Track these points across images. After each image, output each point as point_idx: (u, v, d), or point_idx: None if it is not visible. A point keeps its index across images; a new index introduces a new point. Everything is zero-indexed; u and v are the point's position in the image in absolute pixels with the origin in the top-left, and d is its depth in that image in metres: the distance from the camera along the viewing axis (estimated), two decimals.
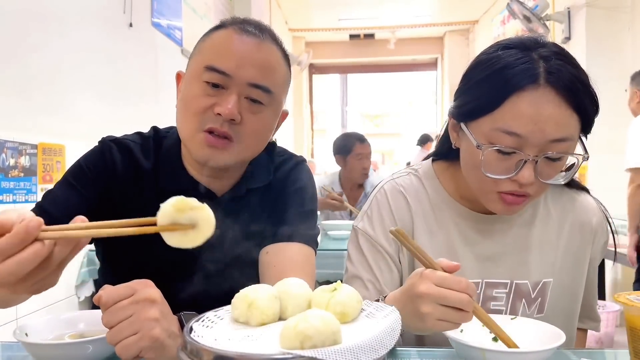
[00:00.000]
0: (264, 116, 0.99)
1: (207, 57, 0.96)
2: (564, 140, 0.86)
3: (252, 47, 0.96)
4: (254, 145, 1.01)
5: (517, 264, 1.03)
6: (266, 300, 0.58)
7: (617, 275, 4.22)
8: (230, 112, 0.93)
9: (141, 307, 0.69)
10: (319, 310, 0.54)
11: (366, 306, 0.61)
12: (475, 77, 0.93)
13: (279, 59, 1.01)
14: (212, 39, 0.99)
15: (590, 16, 4.39)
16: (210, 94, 0.95)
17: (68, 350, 0.79)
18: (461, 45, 9.14)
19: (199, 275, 1.05)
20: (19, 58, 1.87)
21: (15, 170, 1.79)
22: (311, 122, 10.86)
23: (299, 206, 1.08)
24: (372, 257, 1.04)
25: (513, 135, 0.85)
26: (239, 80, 0.94)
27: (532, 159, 0.86)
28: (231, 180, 1.06)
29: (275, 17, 7.55)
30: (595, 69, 4.68)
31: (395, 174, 1.13)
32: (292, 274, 0.94)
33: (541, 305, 1.03)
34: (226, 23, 1.01)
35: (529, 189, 0.89)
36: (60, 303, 2.00)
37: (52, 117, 2.05)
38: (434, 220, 1.05)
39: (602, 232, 1.09)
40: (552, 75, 0.85)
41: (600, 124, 3.40)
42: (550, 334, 0.82)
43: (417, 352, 0.88)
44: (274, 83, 0.98)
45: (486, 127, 0.88)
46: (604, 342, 3.25)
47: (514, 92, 0.85)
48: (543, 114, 0.84)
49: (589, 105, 0.88)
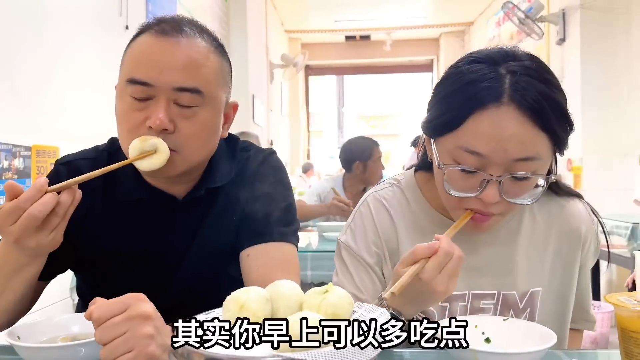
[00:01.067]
0: (201, 118, 0.94)
1: (128, 69, 0.93)
2: (530, 159, 0.84)
3: (171, 49, 0.91)
4: (198, 150, 0.97)
5: (503, 275, 1.01)
6: (258, 302, 0.59)
7: (612, 276, 4.23)
8: (160, 123, 0.89)
9: (136, 324, 0.67)
10: (310, 312, 0.54)
11: (357, 308, 0.62)
12: (442, 91, 0.92)
13: (205, 52, 0.94)
14: (131, 49, 0.95)
15: (584, 18, 4.41)
16: (139, 108, 0.92)
17: (60, 353, 0.79)
18: (457, 47, 9.16)
19: (172, 278, 1.05)
20: (13, 60, 1.86)
21: (9, 172, 1.79)
22: (307, 123, 10.86)
23: (275, 203, 1.06)
24: (355, 269, 1.03)
25: (475, 154, 0.84)
26: (163, 88, 0.90)
27: (495, 179, 0.84)
28: (190, 183, 1.04)
29: (271, 18, 7.55)
30: (590, 71, 4.72)
31: (379, 187, 1.12)
32: (277, 275, 0.92)
33: (531, 314, 1.02)
34: (142, 29, 0.96)
35: (494, 209, 0.88)
36: (54, 306, 2.00)
37: (46, 119, 2.05)
38: (416, 231, 1.04)
39: (593, 238, 1.07)
40: (516, 93, 0.82)
41: (595, 123, 3.46)
42: (541, 335, 0.83)
43: (410, 352, 0.88)
44: (204, 81, 0.93)
45: (450, 145, 0.87)
46: (599, 343, 3.26)
47: (475, 110, 0.83)
48: (505, 133, 0.82)
49: (558, 123, 0.84)
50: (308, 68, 10.33)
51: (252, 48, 5.82)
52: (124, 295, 0.71)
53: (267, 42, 6.99)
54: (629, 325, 0.74)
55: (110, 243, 1.04)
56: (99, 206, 1.03)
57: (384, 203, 1.06)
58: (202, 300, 0.78)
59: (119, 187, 1.03)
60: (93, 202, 1.03)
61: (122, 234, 1.04)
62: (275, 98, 7.65)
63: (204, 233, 1.05)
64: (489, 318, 0.90)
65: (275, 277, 0.94)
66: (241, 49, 5.52)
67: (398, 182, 1.10)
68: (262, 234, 1.02)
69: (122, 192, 1.03)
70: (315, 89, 11.74)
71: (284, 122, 8.56)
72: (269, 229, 1.03)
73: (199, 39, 0.95)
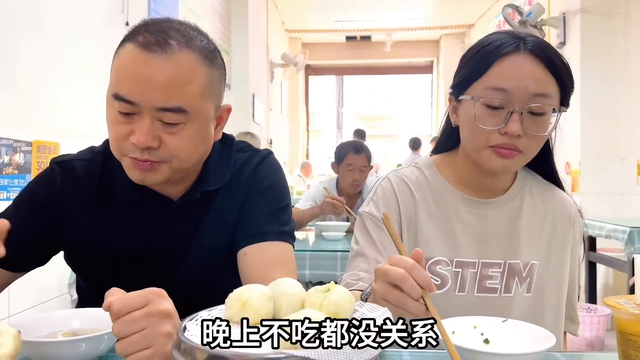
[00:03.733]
0: (187, 133, 0.92)
1: (114, 82, 0.91)
2: (545, 95, 0.99)
3: (154, 67, 0.88)
4: (187, 159, 0.95)
5: (509, 246, 1.11)
6: (260, 300, 0.59)
7: (608, 280, 4.25)
8: (143, 142, 0.88)
9: (155, 321, 0.67)
10: (312, 310, 0.54)
11: (359, 307, 0.62)
12: (467, 56, 1.08)
13: (192, 67, 0.90)
14: (117, 59, 0.92)
15: (585, 21, 4.42)
16: (124, 122, 0.91)
17: (61, 348, 0.79)
18: (457, 49, 9.17)
19: (170, 280, 1.05)
20: (14, 55, 1.86)
21: (9, 167, 1.79)
22: (307, 123, 10.87)
23: (272, 203, 1.07)
24: (378, 236, 1.10)
25: (500, 90, 0.99)
26: (147, 107, 0.88)
27: (518, 110, 0.98)
28: (186, 184, 1.04)
29: (272, 18, 7.56)
30: (590, 74, 4.72)
31: (397, 168, 1.22)
32: (275, 274, 0.94)
33: (529, 284, 1.11)
34: (128, 36, 0.93)
35: (519, 143, 1.00)
36: (53, 301, 2.00)
37: (47, 115, 2.05)
38: (434, 205, 1.13)
39: (579, 222, 1.19)
40: (531, 47, 1.00)
41: (593, 127, 3.46)
42: (540, 337, 0.83)
43: (409, 352, 0.88)
44: (189, 98, 0.90)
45: (478, 89, 1.02)
46: (595, 346, 3.27)
47: (499, 57, 1.00)
48: (524, 71, 0.99)
49: (564, 72, 1.01)
50: (308, 68, 10.34)
51: (253, 47, 5.82)
52: (144, 290, 0.70)
53: (267, 41, 6.99)
54: (628, 328, 0.74)
55: (106, 245, 1.03)
56: (93, 207, 1.03)
57: (404, 179, 1.16)
58: (201, 301, 0.77)
59: (114, 189, 1.02)
60: (87, 203, 1.03)
61: (117, 235, 1.03)
62: (275, 97, 7.65)
63: (201, 235, 1.05)
64: (488, 319, 0.90)
65: (272, 276, 0.94)
66: (242, 48, 5.52)
67: (416, 164, 1.20)
68: (259, 234, 1.03)
69: (117, 194, 1.02)
70: (315, 88, 11.75)
71: (283, 122, 8.56)
72: (265, 228, 1.03)
73: (185, 52, 0.90)
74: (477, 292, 1.08)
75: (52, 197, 1.04)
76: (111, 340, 0.82)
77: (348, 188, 3.00)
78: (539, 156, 1.08)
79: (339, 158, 3.01)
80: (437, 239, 1.10)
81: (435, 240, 1.10)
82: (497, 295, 1.09)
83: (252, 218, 1.04)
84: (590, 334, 3.27)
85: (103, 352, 0.83)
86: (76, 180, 1.04)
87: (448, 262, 1.08)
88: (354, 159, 2.95)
